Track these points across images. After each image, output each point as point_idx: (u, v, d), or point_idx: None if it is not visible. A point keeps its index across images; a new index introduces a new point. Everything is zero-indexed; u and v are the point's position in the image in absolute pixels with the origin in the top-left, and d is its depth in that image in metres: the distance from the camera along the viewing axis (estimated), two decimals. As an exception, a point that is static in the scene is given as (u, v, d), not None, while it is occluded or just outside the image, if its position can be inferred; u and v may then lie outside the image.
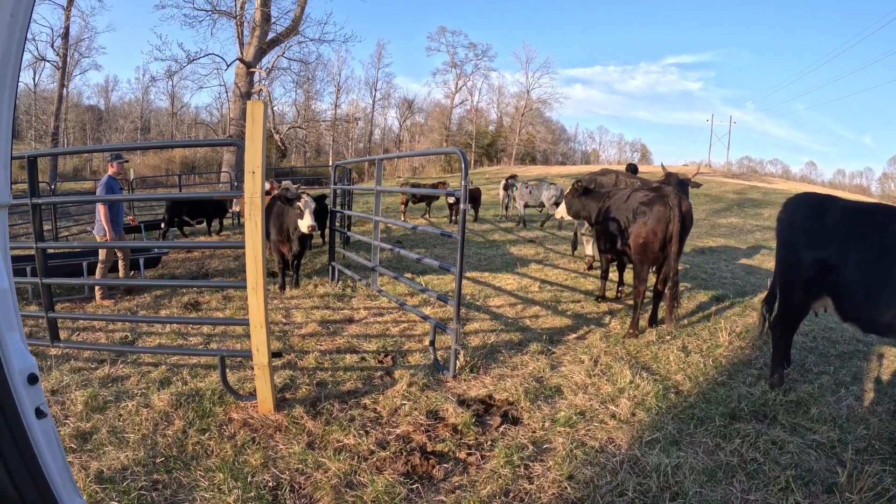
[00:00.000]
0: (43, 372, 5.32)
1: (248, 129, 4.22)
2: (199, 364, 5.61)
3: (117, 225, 8.88)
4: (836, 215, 4.72)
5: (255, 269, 4.25)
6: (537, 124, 67.46)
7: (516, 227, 18.25)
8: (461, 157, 5.15)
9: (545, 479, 3.64)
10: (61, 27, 37.37)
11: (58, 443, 1.59)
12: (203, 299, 8.38)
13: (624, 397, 4.83)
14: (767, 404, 4.74)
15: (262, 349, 4.36)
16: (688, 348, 6.20)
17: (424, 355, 5.88)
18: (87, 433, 4.19)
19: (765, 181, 52.37)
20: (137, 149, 18.13)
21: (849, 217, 4.68)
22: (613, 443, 4.12)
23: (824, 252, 4.68)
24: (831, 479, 3.63)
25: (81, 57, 46.47)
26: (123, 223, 9.52)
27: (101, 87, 60.95)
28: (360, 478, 3.63)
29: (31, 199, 5.30)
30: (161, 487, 3.54)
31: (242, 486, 3.50)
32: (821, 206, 4.90)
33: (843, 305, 4.66)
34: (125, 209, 9.87)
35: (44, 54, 40.09)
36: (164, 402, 4.62)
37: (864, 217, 4.63)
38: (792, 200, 5.20)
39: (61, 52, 38.14)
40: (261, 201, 4.21)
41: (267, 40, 29.47)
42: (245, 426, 4.31)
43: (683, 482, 3.56)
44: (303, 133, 45.97)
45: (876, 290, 4.34)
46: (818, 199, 5.07)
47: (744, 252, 13.74)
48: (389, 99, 66.76)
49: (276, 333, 6.59)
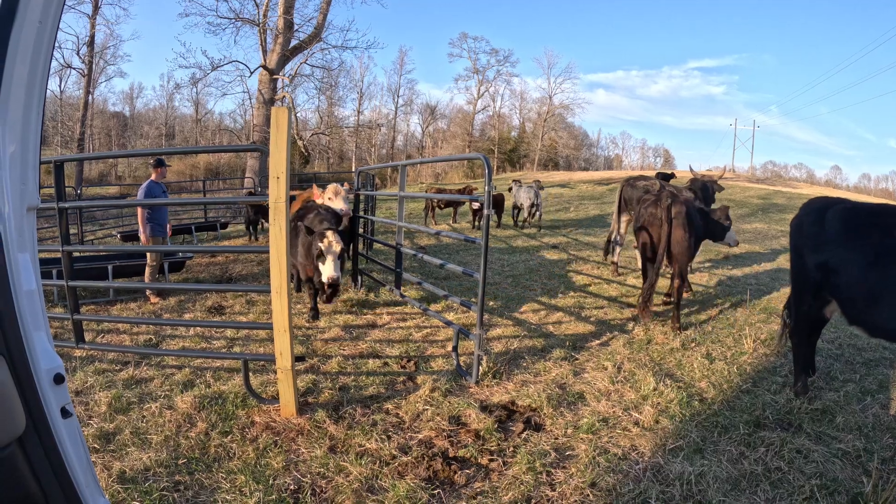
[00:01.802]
0: (68, 373, 5.37)
1: (273, 135, 4.25)
2: (223, 367, 5.65)
3: (160, 227, 9.11)
4: (838, 217, 4.66)
5: (279, 273, 4.28)
6: (560, 130, 67.13)
7: (538, 232, 18.17)
8: (485, 162, 5.16)
9: (567, 485, 3.61)
10: (87, 35, 38.13)
11: (82, 442, 1.61)
12: (227, 303, 8.44)
13: (647, 404, 4.78)
14: (792, 412, 4.68)
15: (286, 353, 4.38)
16: (712, 355, 6.13)
17: (447, 361, 5.87)
18: (111, 434, 4.24)
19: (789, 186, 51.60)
20: (163, 154, 18.44)
21: (850, 219, 4.61)
22: (636, 450, 4.08)
23: (826, 255, 4.63)
24: (856, 488, 3.57)
25: (107, 64, 47.23)
26: None
27: (126, 94, 61.83)
28: (382, 482, 3.63)
29: (58, 204, 5.39)
30: (183, 489, 3.56)
31: (264, 488, 3.52)
32: (824, 208, 4.84)
33: (848, 308, 4.60)
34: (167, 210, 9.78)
35: (70, 62, 40.97)
36: (188, 404, 4.66)
37: (867, 218, 4.57)
38: (804, 205, 5.14)
39: (87, 59, 38.83)
40: (285, 206, 4.24)
41: (290, 47, 29.66)
42: (267, 429, 4.33)
43: (707, 491, 3.52)
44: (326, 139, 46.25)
45: (879, 293, 4.28)
46: (824, 202, 5.00)
47: (768, 257, 13.54)
48: (412, 105, 66.95)
49: (299, 338, 6.61)
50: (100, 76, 47.17)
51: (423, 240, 15.58)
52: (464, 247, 14.44)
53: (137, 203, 8.62)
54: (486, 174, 5.07)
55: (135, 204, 8.71)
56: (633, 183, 10.80)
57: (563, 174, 54.67)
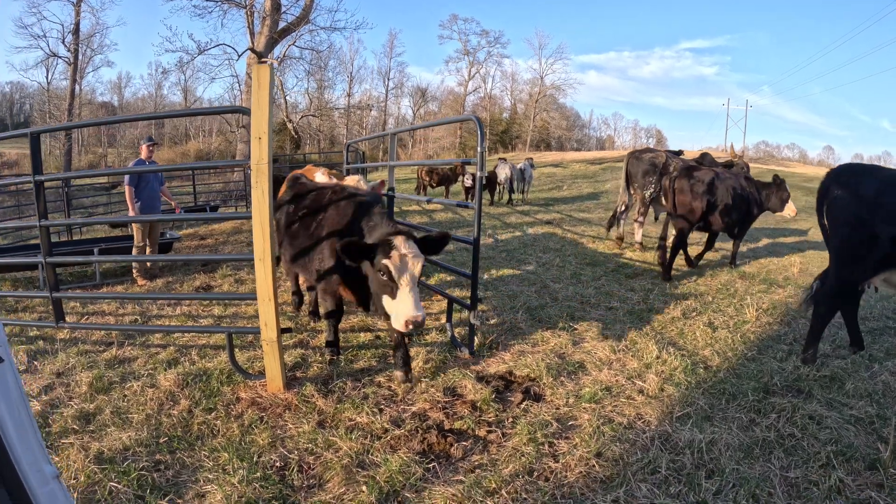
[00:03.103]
0: (49, 355, 5.23)
1: (255, 94, 4.02)
2: (209, 344, 5.46)
3: (149, 209, 8.68)
4: None
5: (262, 239, 4.06)
6: (551, 111, 66.69)
7: (531, 209, 17.98)
8: (476, 123, 4.91)
9: (571, 456, 3.42)
10: (72, 23, 37.53)
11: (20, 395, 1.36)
12: (215, 283, 8.23)
13: (651, 373, 4.61)
14: (801, 379, 4.54)
15: (271, 324, 4.17)
16: (714, 324, 5.97)
17: (442, 333, 5.68)
18: (91, 414, 4.06)
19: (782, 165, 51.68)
20: (135, 120, 18.04)
21: None
22: (642, 419, 3.89)
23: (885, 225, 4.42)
24: (873, 455, 3.42)
25: (94, 53, 46.46)
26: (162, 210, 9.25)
27: (114, 84, 61.25)
28: (373, 457, 3.44)
29: (35, 177, 5.14)
30: (163, 468, 3.40)
31: (248, 466, 3.33)
32: (876, 177, 4.63)
33: None
34: (160, 195, 9.08)
35: (55, 51, 40.34)
36: (171, 381, 4.47)
37: None
38: (848, 171, 4.88)
39: (72, 47, 38.27)
40: (268, 168, 4.01)
41: (278, 30, 29.20)
42: (253, 405, 4.14)
43: (719, 459, 3.35)
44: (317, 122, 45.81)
45: None
46: (865, 169, 4.80)
47: (766, 233, 13.46)
48: (402, 88, 66.18)
49: (287, 313, 6.42)
50: (87, 65, 46.48)
51: (416, 218, 15.33)
52: (456, 222, 14.30)
53: (109, 172, 8.24)
54: (479, 135, 4.82)
55: (111, 173, 8.30)
56: (638, 156, 10.61)
57: (555, 154, 54.55)
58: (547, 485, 3.15)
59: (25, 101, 59.11)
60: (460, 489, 3.08)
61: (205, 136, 58.68)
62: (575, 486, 3.14)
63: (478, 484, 3.13)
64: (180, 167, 4.87)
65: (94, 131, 54.99)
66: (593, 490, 3.11)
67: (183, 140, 57.45)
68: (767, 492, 3.07)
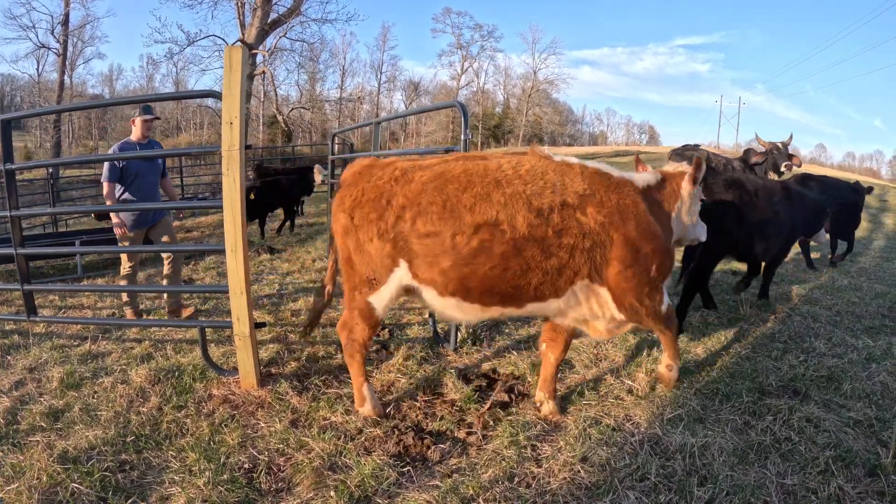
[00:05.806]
0: (22, 349, 5.09)
1: (226, 77, 3.84)
2: (185, 339, 5.29)
3: (144, 212, 5.99)
4: None
5: (233, 228, 3.87)
6: (544, 106, 66.29)
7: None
8: (461, 109, 4.73)
9: (555, 461, 3.25)
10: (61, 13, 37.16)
11: None
12: (197, 276, 8.07)
13: (641, 371, 4.44)
14: (797, 379, 4.38)
15: (244, 318, 3.98)
16: (707, 321, 5.81)
17: (424, 328, 5.52)
18: (60, 411, 3.93)
19: (777, 163, 51.50)
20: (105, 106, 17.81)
21: None
22: (631, 420, 3.71)
23: None
24: (873, 460, 3.27)
25: (85, 45, 45.96)
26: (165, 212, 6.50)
27: (105, 76, 60.70)
28: (346, 459, 3.28)
29: (4, 165, 4.95)
30: (128, 469, 3.25)
31: (215, 467, 3.18)
32: None
33: None
34: (159, 189, 6.44)
35: (45, 42, 39.90)
36: (142, 377, 4.32)
37: None
38: None
39: (61, 38, 37.89)
40: (240, 154, 3.81)
41: (269, 21, 29.02)
42: (225, 403, 3.98)
43: (712, 464, 3.18)
44: (308, 116, 45.46)
45: None
46: None
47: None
48: (395, 82, 65.77)
49: (266, 307, 6.29)
50: (78, 57, 46.05)
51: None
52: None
53: (81, 160, 7.87)
54: (463, 121, 4.64)
55: (83, 161, 7.89)
56: (681, 153, 10.37)
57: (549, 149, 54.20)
58: (528, 492, 2.98)
59: (16, 93, 58.52)
60: (435, 495, 2.91)
61: (196, 128, 58.13)
62: (558, 494, 2.96)
63: (454, 490, 2.96)
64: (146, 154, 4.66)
65: (84, 123, 54.57)
66: (578, 498, 2.94)
67: (174, 132, 56.86)
68: (763, 500, 2.92)
